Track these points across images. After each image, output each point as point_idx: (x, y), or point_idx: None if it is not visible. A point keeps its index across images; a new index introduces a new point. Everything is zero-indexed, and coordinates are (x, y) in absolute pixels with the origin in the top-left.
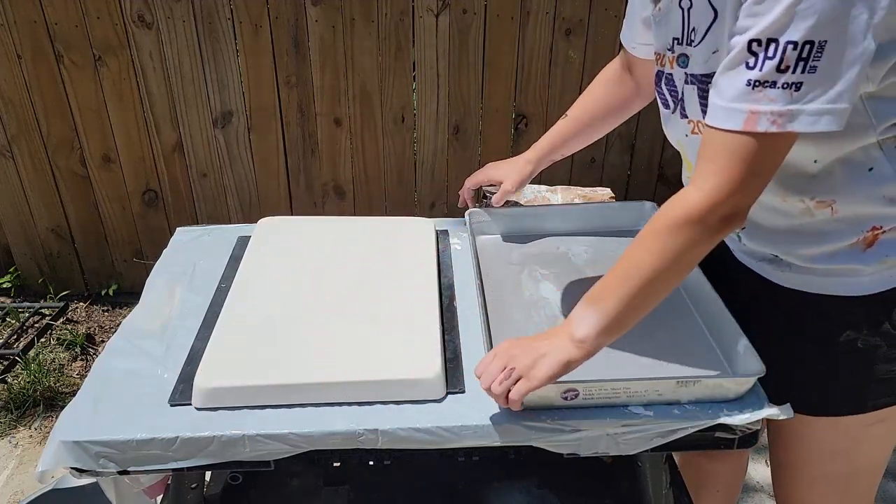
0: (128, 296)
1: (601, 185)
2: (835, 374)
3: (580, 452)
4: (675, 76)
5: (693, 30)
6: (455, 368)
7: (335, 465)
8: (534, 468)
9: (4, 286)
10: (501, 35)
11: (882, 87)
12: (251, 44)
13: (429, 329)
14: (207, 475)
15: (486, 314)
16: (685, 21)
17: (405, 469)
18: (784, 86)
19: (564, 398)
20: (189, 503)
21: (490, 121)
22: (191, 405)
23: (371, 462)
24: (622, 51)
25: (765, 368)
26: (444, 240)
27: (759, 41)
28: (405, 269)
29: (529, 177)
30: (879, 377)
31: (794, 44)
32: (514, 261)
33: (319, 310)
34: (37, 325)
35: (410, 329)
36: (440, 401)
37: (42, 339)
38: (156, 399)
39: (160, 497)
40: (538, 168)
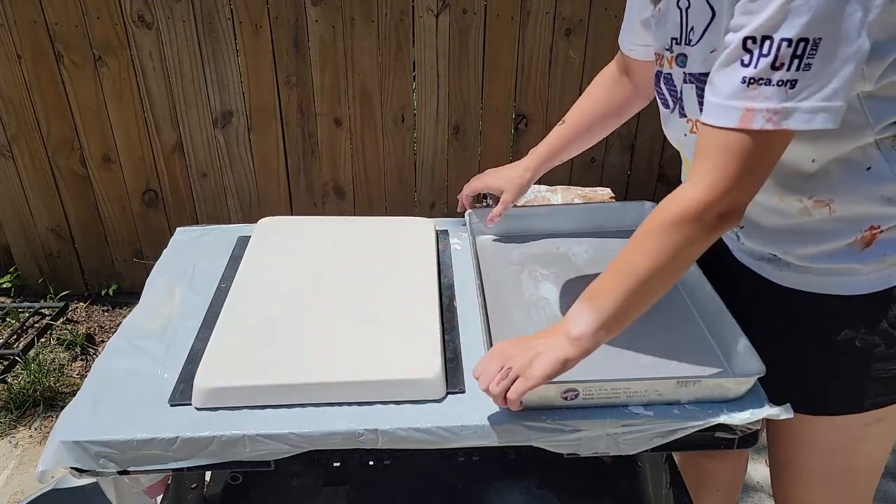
0: (128, 296)
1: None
2: (835, 374)
3: (580, 452)
4: (675, 76)
5: (691, 29)
6: (455, 368)
7: (335, 465)
8: (534, 468)
9: (4, 286)
10: (501, 35)
11: (879, 87)
12: (251, 44)
13: (429, 329)
14: (207, 475)
15: (486, 314)
16: (683, 21)
17: (405, 469)
18: (779, 83)
19: (564, 398)
20: (189, 503)
21: (490, 121)
22: (191, 405)
23: (371, 462)
24: (619, 54)
25: (765, 368)
26: (444, 240)
27: (754, 38)
28: (405, 269)
29: (528, 185)
30: (877, 376)
31: (789, 41)
32: (514, 261)
33: (319, 310)
34: (37, 325)
35: (410, 329)
36: (440, 401)
37: (42, 339)
38: (156, 399)
39: (160, 497)
40: (537, 175)
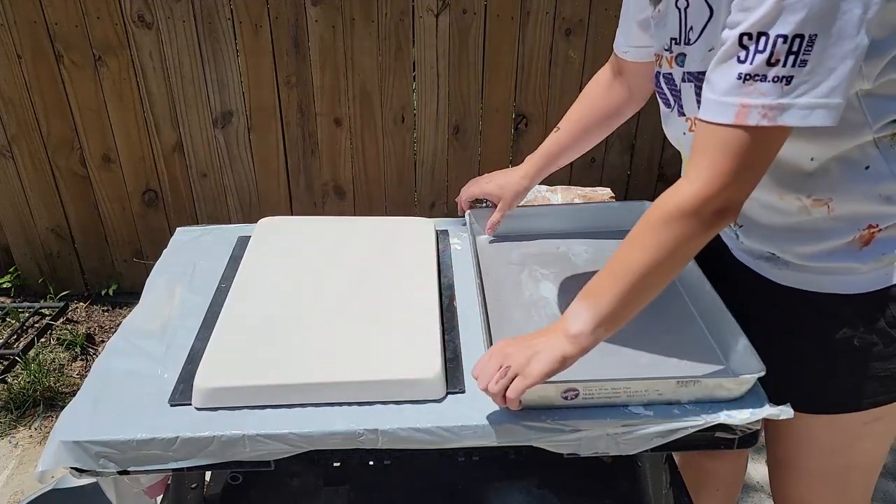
0: (128, 296)
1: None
2: (834, 373)
3: (580, 452)
4: (675, 75)
5: (690, 28)
6: (455, 368)
7: (335, 465)
8: (534, 468)
9: (4, 286)
10: (501, 35)
11: (877, 85)
12: (251, 44)
13: (429, 329)
14: (207, 475)
15: (486, 314)
16: (682, 21)
17: (405, 469)
18: (774, 79)
19: (564, 398)
20: (189, 503)
21: (490, 121)
22: (191, 405)
23: (371, 462)
24: (613, 56)
25: (765, 368)
26: (444, 240)
27: (750, 35)
28: (405, 269)
29: (526, 192)
30: (875, 375)
31: (784, 37)
32: (514, 261)
33: (319, 310)
34: (37, 325)
35: (410, 329)
36: (440, 401)
37: (42, 339)
38: (156, 399)
39: (160, 497)
40: (534, 183)
